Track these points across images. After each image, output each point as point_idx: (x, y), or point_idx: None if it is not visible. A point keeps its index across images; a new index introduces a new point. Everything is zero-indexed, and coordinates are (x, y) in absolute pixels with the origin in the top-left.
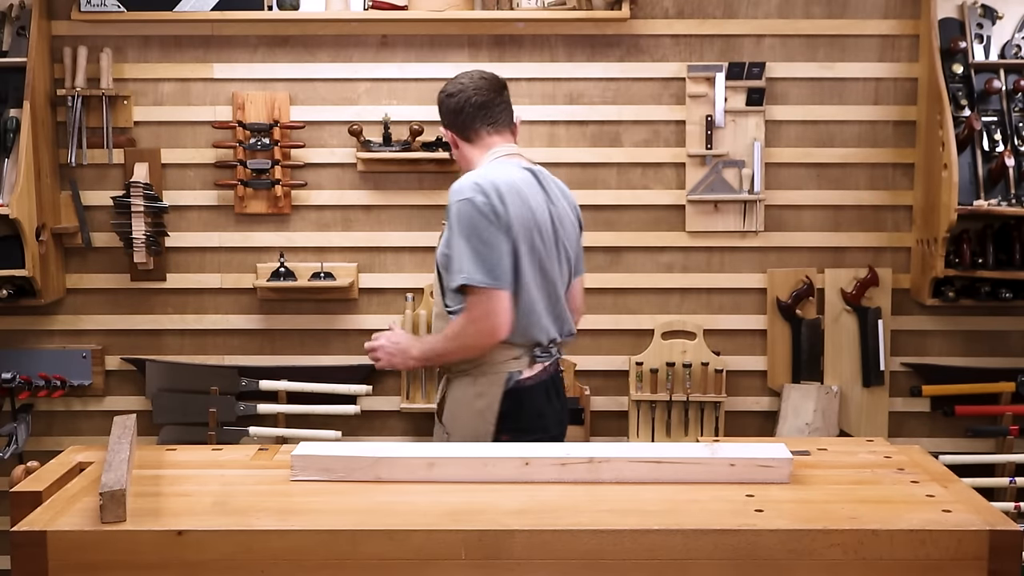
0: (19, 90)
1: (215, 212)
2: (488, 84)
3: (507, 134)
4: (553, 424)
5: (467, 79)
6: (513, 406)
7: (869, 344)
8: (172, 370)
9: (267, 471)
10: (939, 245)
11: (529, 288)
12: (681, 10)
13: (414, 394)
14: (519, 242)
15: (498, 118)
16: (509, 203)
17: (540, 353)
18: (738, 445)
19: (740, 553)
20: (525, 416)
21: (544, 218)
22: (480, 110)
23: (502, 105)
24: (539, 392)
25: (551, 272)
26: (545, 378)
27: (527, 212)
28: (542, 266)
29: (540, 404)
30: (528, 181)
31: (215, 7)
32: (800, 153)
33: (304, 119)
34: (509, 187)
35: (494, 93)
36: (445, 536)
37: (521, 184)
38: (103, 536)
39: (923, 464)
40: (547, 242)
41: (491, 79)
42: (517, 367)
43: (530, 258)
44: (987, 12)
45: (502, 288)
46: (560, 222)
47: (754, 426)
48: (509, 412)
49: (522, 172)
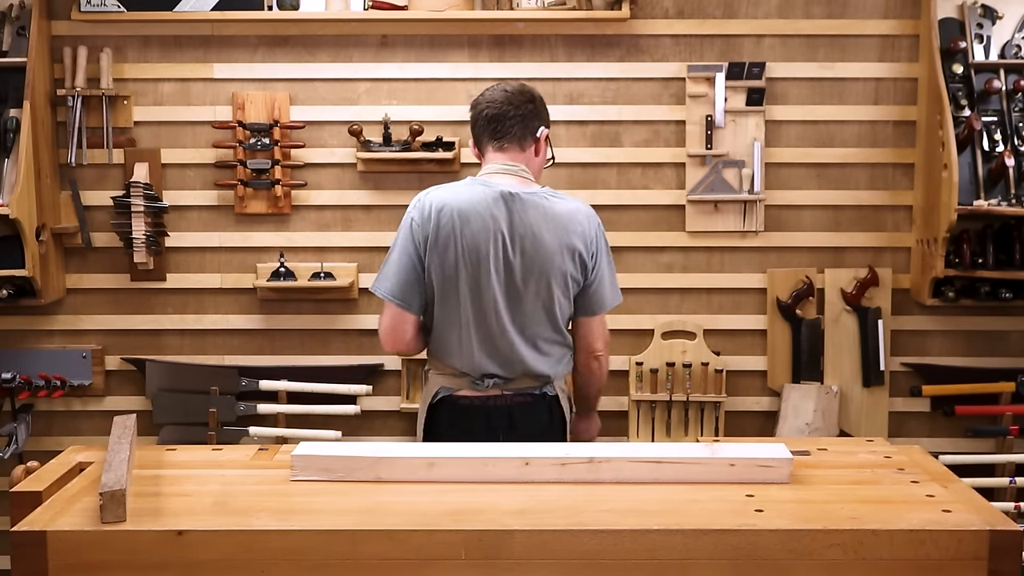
0: (19, 90)
1: (215, 212)
2: (505, 98)
3: (514, 150)
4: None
5: (490, 92)
6: (443, 419)
7: (869, 344)
8: (172, 370)
9: (267, 471)
10: (939, 245)
11: (448, 315)
12: (681, 10)
13: (414, 394)
14: (439, 270)
15: (505, 134)
16: (440, 227)
17: (476, 381)
18: (738, 445)
19: (740, 553)
20: (454, 433)
21: (488, 247)
22: (490, 124)
23: (515, 120)
24: (476, 415)
25: (489, 304)
26: (493, 404)
27: (462, 242)
28: (475, 296)
29: (474, 425)
30: (487, 204)
31: (215, 7)
32: (800, 153)
33: (304, 119)
34: (448, 211)
35: (509, 107)
36: (445, 536)
37: (471, 208)
38: (103, 536)
39: (923, 464)
40: (494, 276)
41: (512, 94)
42: (451, 383)
43: (454, 287)
44: (987, 12)
45: (405, 309)
46: (523, 253)
47: (754, 426)
48: (439, 424)
49: (485, 193)
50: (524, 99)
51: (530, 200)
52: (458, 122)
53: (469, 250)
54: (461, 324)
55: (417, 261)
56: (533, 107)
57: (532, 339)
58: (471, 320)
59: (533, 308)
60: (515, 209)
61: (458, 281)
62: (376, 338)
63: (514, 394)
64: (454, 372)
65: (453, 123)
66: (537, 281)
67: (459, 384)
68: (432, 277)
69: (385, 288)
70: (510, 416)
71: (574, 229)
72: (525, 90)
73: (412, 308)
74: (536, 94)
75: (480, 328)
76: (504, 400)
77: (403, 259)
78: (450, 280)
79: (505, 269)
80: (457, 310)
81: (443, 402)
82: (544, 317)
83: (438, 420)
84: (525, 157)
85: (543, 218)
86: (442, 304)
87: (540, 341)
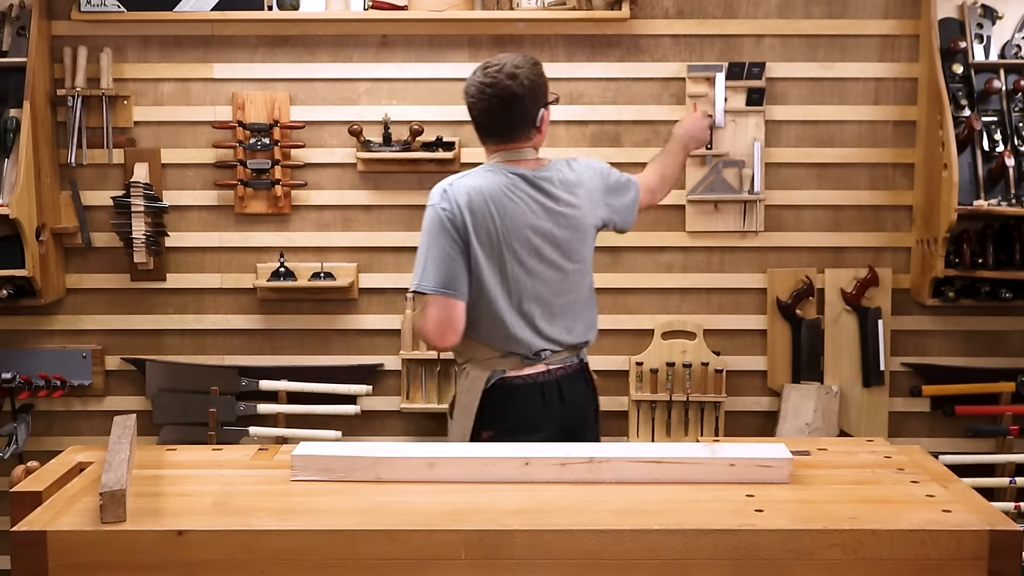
0: (19, 90)
1: (215, 212)
2: (493, 92)
3: (519, 141)
4: (548, 424)
5: (475, 89)
6: (496, 403)
7: (869, 344)
8: (172, 370)
9: (267, 471)
10: (939, 245)
11: (495, 299)
12: (681, 10)
13: (414, 394)
14: (481, 253)
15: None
16: (475, 212)
17: (528, 358)
18: (738, 445)
19: (740, 553)
20: (512, 415)
21: (524, 226)
22: (482, 120)
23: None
24: (531, 393)
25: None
26: (544, 380)
27: (500, 223)
28: (518, 276)
29: (531, 404)
30: (512, 186)
31: (215, 7)
32: (800, 153)
33: (304, 119)
34: (479, 196)
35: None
36: (445, 536)
37: (498, 190)
38: (103, 536)
39: (923, 464)
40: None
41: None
42: (502, 366)
43: (499, 269)
44: (987, 12)
45: (454, 297)
46: (556, 225)
47: (754, 426)
48: (494, 410)
49: (506, 177)
50: (508, 95)
51: (549, 175)
52: (458, 122)
53: (507, 231)
54: (508, 305)
55: (456, 250)
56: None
57: (574, 308)
58: (519, 299)
59: (573, 278)
60: (539, 186)
61: (500, 263)
62: (376, 338)
63: (558, 367)
64: (502, 354)
65: (453, 123)
66: (574, 250)
67: (509, 365)
68: (472, 264)
69: (430, 282)
70: (559, 389)
71: (594, 186)
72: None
73: (461, 295)
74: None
75: (527, 306)
76: (551, 374)
77: (440, 250)
78: (492, 264)
79: (544, 244)
80: (503, 292)
81: (496, 386)
82: (582, 283)
83: (494, 404)
84: (532, 143)
85: (564, 188)
86: (485, 289)
87: (579, 309)
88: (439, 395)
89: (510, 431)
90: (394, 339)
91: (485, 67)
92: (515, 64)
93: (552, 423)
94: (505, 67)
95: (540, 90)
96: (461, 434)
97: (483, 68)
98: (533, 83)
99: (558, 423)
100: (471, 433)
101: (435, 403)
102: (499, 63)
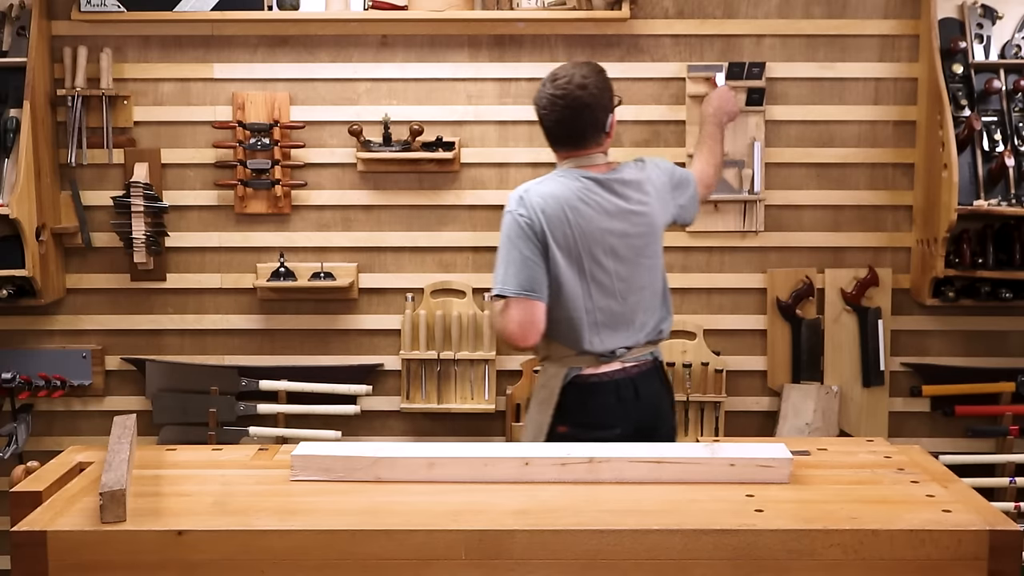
0: (19, 90)
1: (215, 212)
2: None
3: (590, 147)
4: (621, 422)
5: (546, 101)
6: (575, 400)
7: (869, 344)
8: (172, 370)
9: (267, 471)
10: (939, 245)
11: (573, 300)
12: (681, 10)
13: (414, 394)
14: (560, 256)
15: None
16: (551, 218)
17: (604, 356)
18: (738, 445)
19: (740, 553)
20: (587, 412)
21: (602, 229)
22: (556, 130)
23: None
24: (606, 390)
25: (611, 281)
26: (619, 378)
27: (576, 227)
28: (595, 277)
29: (606, 401)
30: (585, 190)
31: (215, 7)
32: (800, 153)
33: (304, 119)
34: (555, 202)
35: (569, 112)
36: (445, 536)
37: (572, 195)
38: (103, 536)
39: (923, 464)
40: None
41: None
42: (578, 363)
43: (577, 270)
44: (987, 12)
45: (536, 299)
46: (631, 225)
47: (754, 426)
48: (570, 406)
49: (579, 181)
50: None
51: (620, 177)
52: (458, 122)
53: (583, 234)
54: (584, 306)
55: (535, 253)
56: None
57: (648, 305)
58: (596, 299)
59: (647, 276)
60: (611, 188)
61: (578, 265)
62: (376, 338)
63: (633, 364)
64: (578, 352)
65: (453, 123)
66: (648, 247)
67: (585, 363)
68: (551, 266)
69: (512, 285)
70: (635, 387)
71: (661, 183)
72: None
73: (542, 296)
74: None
75: (604, 305)
76: (626, 372)
77: (520, 254)
78: (570, 266)
79: (619, 244)
80: (579, 293)
81: (572, 384)
82: (656, 281)
83: (570, 401)
84: (602, 147)
85: (635, 188)
86: (563, 291)
87: (654, 306)
88: (439, 395)
89: (585, 427)
90: (394, 339)
91: (554, 79)
92: (583, 74)
93: (626, 420)
94: (574, 78)
95: (607, 96)
96: (536, 429)
97: (552, 80)
98: (601, 91)
99: (632, 420)
100: (547, 429)
101: (435, 403)
102: (567, 75)
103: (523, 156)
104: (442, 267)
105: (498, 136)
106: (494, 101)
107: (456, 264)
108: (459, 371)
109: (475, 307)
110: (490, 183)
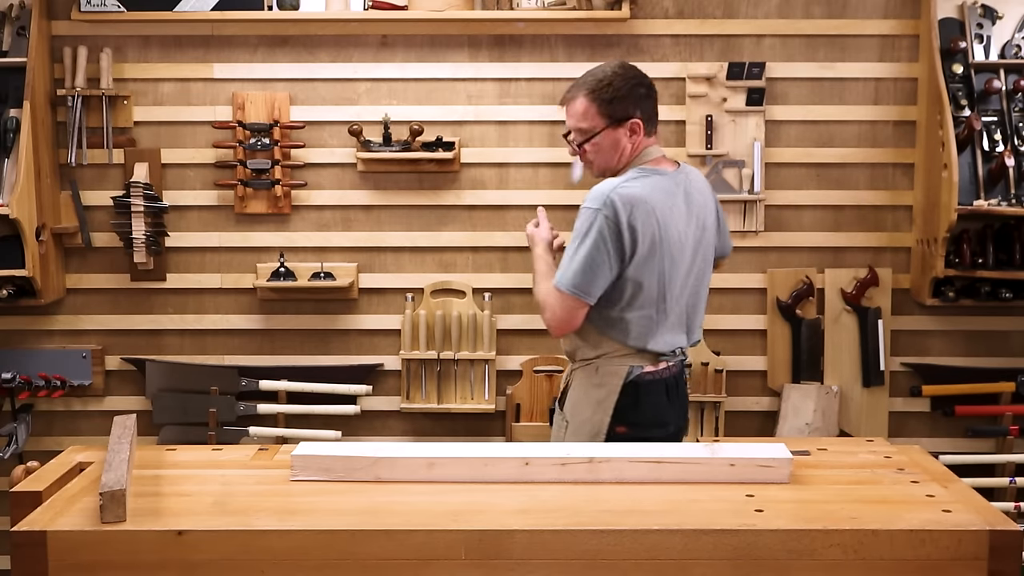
0: (19, 90)
1: (215, 212)
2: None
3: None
4: (672, 420)
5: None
6: (631, 399)
7: (869, 344)
8: (172, 370)
9: (267, 471)
10: (939, 245)
11: (649, 301)
12: (681, 10)
13: (414, 394)
14: (641, 258)
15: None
16: (638, 219)
17: (664, 355)
18: (738, 445)
19: (740, 553)
20: (643, 410)
21: (677, 233)
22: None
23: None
24: (659, 388)
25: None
26: (667, 376)
27: (659, 228)
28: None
29: (659, 400)
30: (669, 191)
31: (215, 7)
32: (800, 153)
33: (304, 119)
34: (642, 204)
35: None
36: (445, 536)
37: (655, 198)
38: (103, 536)
39: (923, 464)
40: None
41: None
42: (639, 362)
43: (656, 271)
44: (987, 12)
45: (584, 301)
46: (699, 229)
47: (754, 426)
48: (627, 405)
49: (663, 181)
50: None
51: (686, 178)
52: (458, 122)
53: (665, 235)
54: (656, 307)
55: (610, 257)
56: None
57: (700, 308)
58: (667, 300)
59: (702, 279)
60: (687, 191)
61: (658, 266)
62: (376, 338)
63: (673, 364)
64: (638, 351)
65: (453, 123)
66: (707, 252)
67: (644, 361)
68: (628, 268)
69: (568, 281)
70: (677, 385)
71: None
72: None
73: (591, 299)
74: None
75: (673, 306)
76: (670, 371)
77: (593, 254)
78: (647, 268)
79: (687, 246)
80: (656, 293)
81: (632, 382)
82: (706, 285)
83: (627, 400)
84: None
85: (699, 193)
86: (642, 290)
87: (702, 309)
88: (439, 395)
89: (641, 426)
90: (394, 339)
91: (624, 65)
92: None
93: (675, 417)
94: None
95: None
96: (594, 430)
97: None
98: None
99: (677, 417)
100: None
101: (435, 403)
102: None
103: (523, 156)
104: (442, 267)
105: (498, 136)
106: (494, 101)
107: (456, 264)
108: (459, 371)
109: (475, 307)
110: (490, 183)
